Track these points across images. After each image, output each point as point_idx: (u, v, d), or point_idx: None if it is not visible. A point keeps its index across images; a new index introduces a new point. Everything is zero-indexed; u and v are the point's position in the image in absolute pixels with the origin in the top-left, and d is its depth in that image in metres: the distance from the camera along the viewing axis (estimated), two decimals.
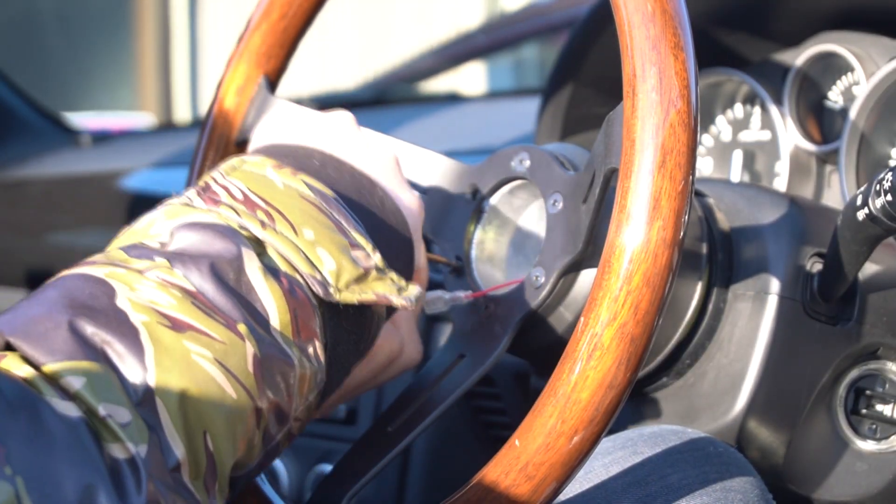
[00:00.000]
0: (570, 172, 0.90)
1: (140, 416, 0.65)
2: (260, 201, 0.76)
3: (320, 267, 0.75)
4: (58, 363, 0.65)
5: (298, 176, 0.78)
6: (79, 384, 0.64)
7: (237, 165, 0.79)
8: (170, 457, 0.66)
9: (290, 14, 1.05)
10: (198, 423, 0.68)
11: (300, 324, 0.74)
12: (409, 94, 2.42)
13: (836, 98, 1.18)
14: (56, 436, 0.62)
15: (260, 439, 0.72)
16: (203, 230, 0.73)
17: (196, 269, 0.71)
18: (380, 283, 0.77)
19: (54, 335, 0.66)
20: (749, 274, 0.96)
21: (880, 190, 0.86)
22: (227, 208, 0.75)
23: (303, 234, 0.75)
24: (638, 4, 0.76)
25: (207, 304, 0.70)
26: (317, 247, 0.75)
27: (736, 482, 0.88)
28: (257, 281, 0.72)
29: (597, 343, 0.73)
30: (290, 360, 0.73)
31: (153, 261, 0.71)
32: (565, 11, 2.13)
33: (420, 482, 1.32)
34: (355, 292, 0.76)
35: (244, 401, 0.70)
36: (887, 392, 0.97)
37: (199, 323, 0.69)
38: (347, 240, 0.77)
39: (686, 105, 0.74)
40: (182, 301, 0.70)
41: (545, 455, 0.73)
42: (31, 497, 0.60)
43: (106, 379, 0.65)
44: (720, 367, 0.96)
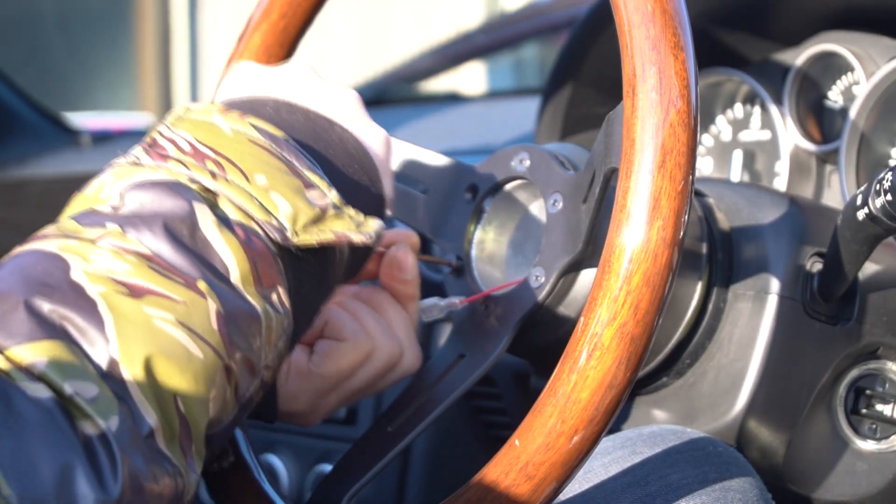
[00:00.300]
0: (570, 172, 0.90)
1: (108, 388, 0.65)
2: (209, 151, 0.74)
3: (275, 212, 0.74)
4: (19, 346, 0.64)
5: (246, 119, 0.76)
6: (42, 364, 0.64)
7: (183, 115, 0.77)
8: (142, 425, 0.65)
9: (290, 14, 1.05)
10: (167, 387, 0.67)
11: (261, 273, 0.72)
12: (409, 94, 2.42)
13: (836, 98, 1.18)
14: (28, 419, 0.62)
15: (232, 394, 0.71)
16: (153, 189, 0.72)
17: (149, 231, 0.70)
18: (338, 221, 0.76)
19: (11, 317, 0.65)
20: (749, 274, 0.96)
21: (880, 190, 0.86)
22: (175, 163, 0.74)
23: (255, 180, 0.74)
24: (638, 4, 0.76)
25: (164, 265, 0.69)
26: (270, 192, 0.74)
27: (735, 482, 0.88)
28: (213, 235, 0.71)
29: (597, 343, 0.73)
30: (255, 312, 0.72)
31: (105, 227, 0.70)
32: (565, 11, 2.13)
33: (420, 482, 1.32)
34: (313, 234, 0.75)
35: (212, 359, 0.69)
36: (887, 392, 0.97)
37: (157, 286, 0.68)
38: (301, 181, 0.75)
39: (686, 105, 0.74)
40: (138, 266, 0.68)
41: (545, 455, 0.73)
42: (8, 482, 0.60)
43: (69, 356, 0.65)
44: (720, 366, 0.96)
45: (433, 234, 0.98)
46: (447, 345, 0.94)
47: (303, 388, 0.94)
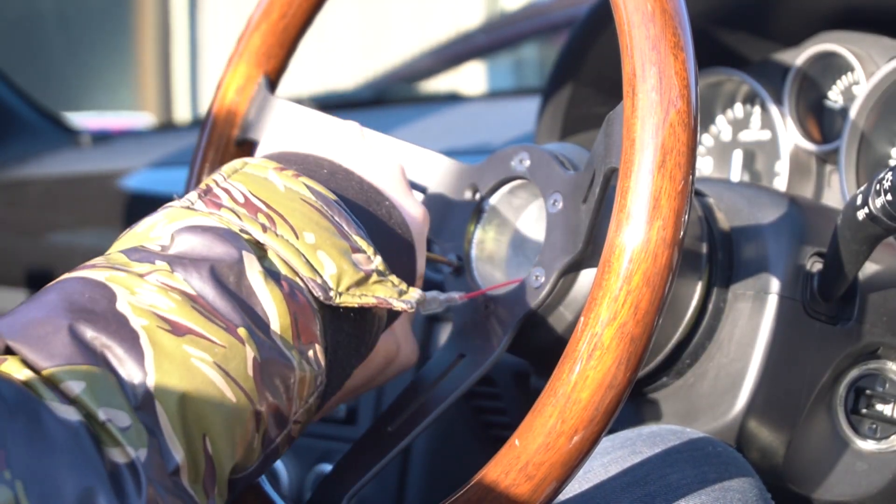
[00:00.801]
0: (570, 172, 0.90)
1: (139, 420, 0.65)
2: (261, 204, 0.76)
3: (321, 270, 0.75)
4: (57, 367, 0.65)
5: (300, 179, 0.78)
6: (78, 388, 0.64)
7: (239, 167, 0.79)
8: (169, 460, 0.66)
9: (290, 14, 1.05)
10: (197, 426, 0.68)
11: (300, 327, 0.74)
12: (409, 94, 2.42)
13: (836, 98, 1.18)
14: (56, 439, 0.62)
15: (259, 442, 0.72)
16: (204, 234, 0.73)
17: (196, 273, 0.71)
18: (380, 286, 0.77)
19: (54, 339, 0.66)
20: (749, 273, 0.96)
21: (880, 189, 0.86)
22: (228, 211, 0.75)
23: (304, 237, 0.75)
24: (638, 4, 0.76)
25: (207, 307, 0.70)
26: (318, 250, 0.75)
27: (735, 482, 0.88)
28: (258, 285, 0.72)
29: (597, 343, 0.73)
30: (290, 364, 0.73)
31: (153, 264, 0.71)
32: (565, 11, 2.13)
33: (420, 482, 1.32)
34: (355, 296, 0.76)
35: (244, 404, 0.70)
36: (887, 392, 0.97)
37: (199, 327, 0.69)
38: (348, 243, 0.77)
39: (686, 105, 0.74)
40: (182, 305, 0.69)
41: (545, 455, 0.73)
42: (30, 501, 0.60)
43: (106, 383, 0.65)
44: (720, 366, 0.96)
45: (433, 234, 0.98)
46: (447, 345, 0.94)
47: None
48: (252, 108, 1.04)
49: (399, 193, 0.86)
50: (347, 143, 0.87)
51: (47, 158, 2.27)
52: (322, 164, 0.84)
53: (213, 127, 1.05)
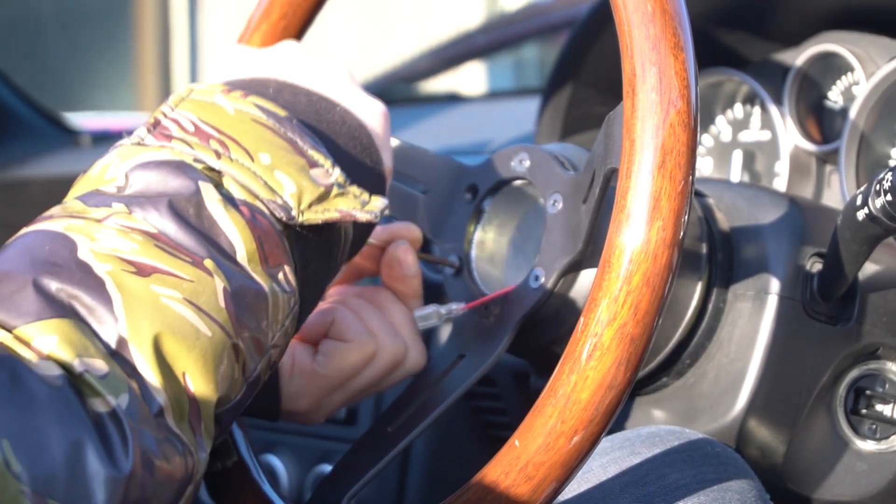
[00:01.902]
0: (570, 172, 0.90)
1: (118, 366, 0.65)
2: (212, 130, 0.74)
3: (280, 191, 0.74)
4: (28, 325, 0.64)
5: (249, 98, 0.77)
6: (52, 343, 0.64)
7: (185, 95, 0.77)
8: (152, 402, 0.65)
9: (290, 14, 1.05)
10: (176, 365, 0.67)
11: (267, 251, 0.73)
12: (409, 94, 2.42)
13: (836, 98, 1.18)
14: (38, 396, 0.62)
15: (240, 372, 0.72)
16: (157, 168, 0.72)
17: (155, 210, 0.70)
18: (342, 199, 0.76)
19: (20, 297, 0.65)
20: (749, 274, 0.96)
21: (880, 190, 0.86)
22: (179, 142, 0.74)
23: (259, 159, 0.74)
24: (637, 4, 0.76)
25: (170, 244, 0.69)
26: (275, 170, 0.74)
27: (733, 482, 0.88)
28: (218, 214, 0.71)
29: (597, 343, 0.73)
30: (262, 290, 0.72)
31: (111, 207, 0.70)
32: (565, 11, 2.13)
33: (420, 482, 1.32)
34: (318, 212, 0.75)
35: (220, 337, 0.69)
36: (887, 392, 0.97)
37: (164, 264, 0.68)
38: (305, 159, 0.76)
39: (686, 105, 0.74)
40: (144, 244, 0.69)
41: (545, 455, 0.73)
42: (18, 458, 0.60)
43: (78, 334, 0.65)
44: (720, 367, 0.96)
45: (433, 235, 0.98)
46: (447, 345, 0.94)
47: (307, 387, 0.94)
48: None
49: (350, 96, 0.84)
50: (289, 59, 0.85)
51: (47, 158, 2.26)
52: (268, 83, 0.82)
53: None
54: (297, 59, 0.85)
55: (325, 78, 0.84)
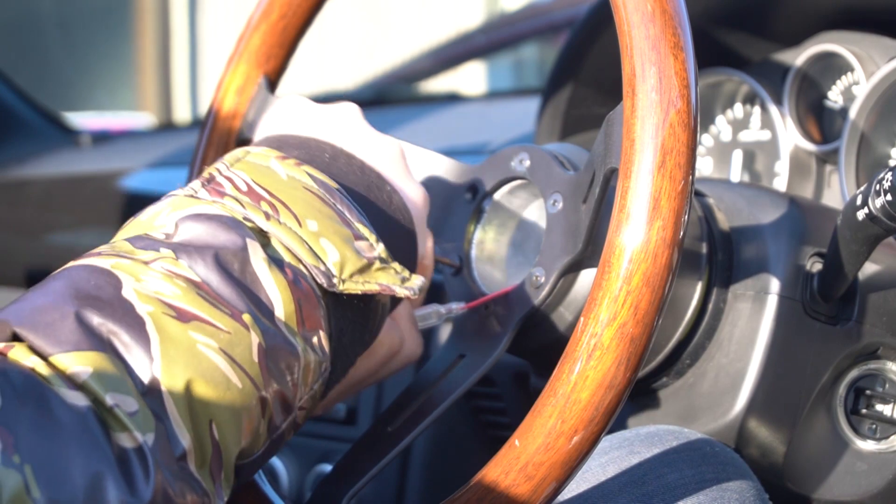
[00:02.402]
0: (570, 172, 0.90)
1: (147, 406, 0.66)
2: (264, 192, 0.76)
3: (324, 258, 0.76)
4: (65, 353, 0.65)
5: (302, 167, 0.78)
6: (85, 374, 0.65)
7: (241, 156, 0.79)
8: (176, 446, 0.67)
9: (290, 14, 1.05)
10: (203, 412, 0.68)
11: (304, 314, 0.74)
12: (409, 94, 2.42)
13: (836, 98, 1.18)
14: (64, 424, 0.63)
15: (265, 428, 0.73)
16: (208, 221, 0.74)
17: (201, 260, 0.72)
18: (383, 273, 0.78)
19: (61, 326, 0.66)
20: (749, 274, 0.96)
21: (880, 190, 0.86)
22: (231, 199, 0.75)
23: (307, 225, 0.76)
24: (637, 4, 0.76)
25: (212, 294, 0.71)
26: (321, 238, 0.76)
27: (732, 482, 0.88)
28: (262, 272, 0.73)
29: (596, 343, 0.73)
30: (295, 350, 0.73)
31: (158, 252, 0.72)
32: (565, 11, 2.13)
33: (420, 482, 1.32)
34: (359, 283, 0.77)
35: (249, 390, 0.70)
36: (887, 392, 0.97)
37: (204, 313, 0.70)
38: (351, 231, 0.77)
39: (686, 105, 0.74)
40: (187, 291, 0.70)
41: (545, 455, 0.73)
42: (39, 485, 0.60)
43: (113, 369, 0.66)
44: (720, 366, 0.96)
45: (433, 234, 0.98)
46: (447, 345, 0.94)
47: None
48: (252, 108, 1.04)
49: (400, 177, 0.86)
50: (348, 125, 0.87)
51: (47, 158, 2.26)
52: (323, 148, 0.84)
53: (213, 127, 1.05)
54: (356, 126, 0.87)
55: (379, 152, 0.86)
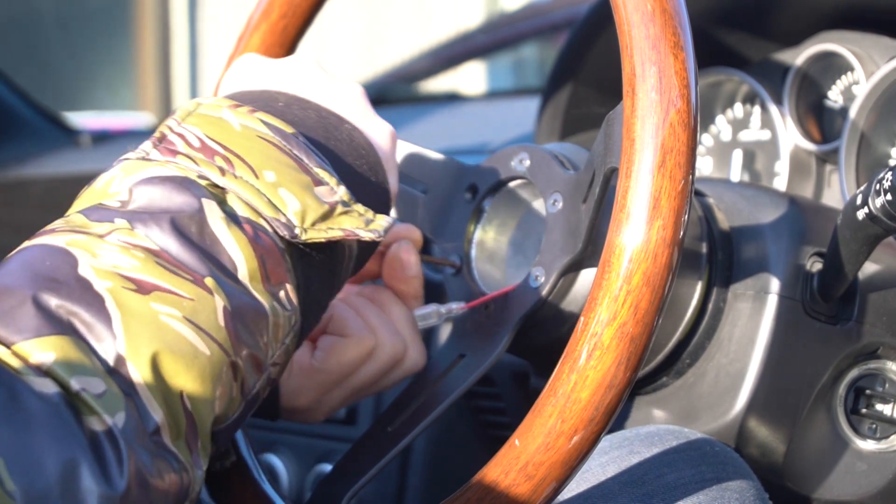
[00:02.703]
0: (570, 172, 0.90)
1: (115, 384, 0.65)
2: (217, 146, 0.74)
3: (284, 209, 0.74)
4: (27, 341, 0.64)
5: (256, 115, 0.76)
6: (49, 360, 0.64)
7: (192, 109, 0.77)
8: (148, 421, 0.65)
9: (290, 14, 1.05)
10: (174, 384, 0.67)
11: (268, 269, 0.72)
12: (409, 94, 2.42)
13: (836, 98, 1.18)
14: (34, 413, 0.62)
15: (238, 391, 0.71)
16: (161, 184, 0.72)
17: (157, 227, 0.70)
18: (346, 217, 0.76)
19: (20, 312, 0.65)
20: (749, 273, 0.96)
21: (880, 189, 0.86)
22: (184, 158, 0.74)
23: (264, 176, 0.74)
24: (637, 4, 0.76)
25: (172, 261, 0.69)
26: (279, 188, 0.74)
27: (732, 482, 0.88)
28: (221, 231, 0.71)
29: (596, 343, 0.73)
30: (262, 308, 0.72)
31: (113, 223, 0.70)
32: (565, 11, 2.13)
33: (420, 482, 1.32)
34: (321, 231, 0.75)
35: (218, 356, 0.69)
36: (887, 392, 0.97)
37: (164, 282, 0.68)
38: (310, 177, 0.75)
39: (686, 104, 0.74)
40: (145, 262, 0.68)
41: (545, 455, 0.73)
42: (12, 477, 0.60)
43: (76, 352, 0.64)
44: (720, 366, 0.96)
45: (433, 235, 0.98)
46: (447, 345, 0.94)
47: (305, 384, 0.93)
48: None
49: (359, 115, 0.84)
50: (303, 73, 0.85)
51: (47, 158, 2.26)
52: (277, 97, 0.82)
53: None
54: (309, 73, 0.85)
55: (336, 95, 0.84)
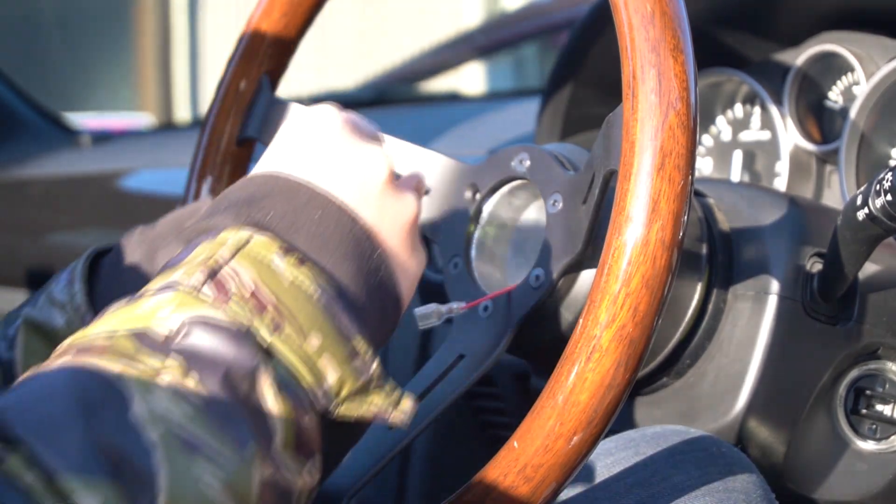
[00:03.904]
0: (570, 172, 0.90)
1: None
2: (269, 298, 0.73)
3: (323, 380, 0.73)
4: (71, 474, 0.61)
5: (303, 269, 0.75)
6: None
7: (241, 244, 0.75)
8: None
9: (291, 13, 1.05)
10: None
11: (303, 440, 0.72)
12: (409, 94, 2.42)
13: (836, 98, 1.18)
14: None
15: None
16: (217, 332, 0.70)
17: (211, 377, 0.69)
18: (377, 396, 0.76)
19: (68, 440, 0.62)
20: (749, 274, 0.96)
21: (880, 190, 0.86)
22: (237, 304, 0.72)
23: (309, 341, 0.73)
24: (637, 6, 0.76)
25: (220, 418, 0.68)
26: (322, 355, 0.73)
27: (739, 483, 0.88)
28: (268, 397, 0.70)
29: (595, 345, 0.73)
30: (293, 480, 0.71)
31: (165, 360, 0.68)
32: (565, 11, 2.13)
33: (420, 482, 1.32)
34: (353, 409, 0.75)
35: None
36: (887, 392, 0.97)
37: (211, 440, 0.67)
38: (349, 348, 0.74)
39: (685, 107, 0.74)
40: (196, 414, 0.67)
41: (544, 457, 0.73)
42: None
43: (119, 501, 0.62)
44: (720, 367, 0.96)
45: (433, 234, 0.98)
46: (447, 345, 0.94)
47: None
48: (252, 107, 1.04)
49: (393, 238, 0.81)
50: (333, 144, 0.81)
51: (47, 158, 2.26)
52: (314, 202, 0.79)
53: (214, 127, 1.05)
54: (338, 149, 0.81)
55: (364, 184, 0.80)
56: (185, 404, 0.67)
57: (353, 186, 0.80)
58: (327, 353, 0.74)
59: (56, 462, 0.61)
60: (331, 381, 0.74)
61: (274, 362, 0.72)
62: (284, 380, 0.72)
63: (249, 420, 0.69)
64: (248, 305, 0.73)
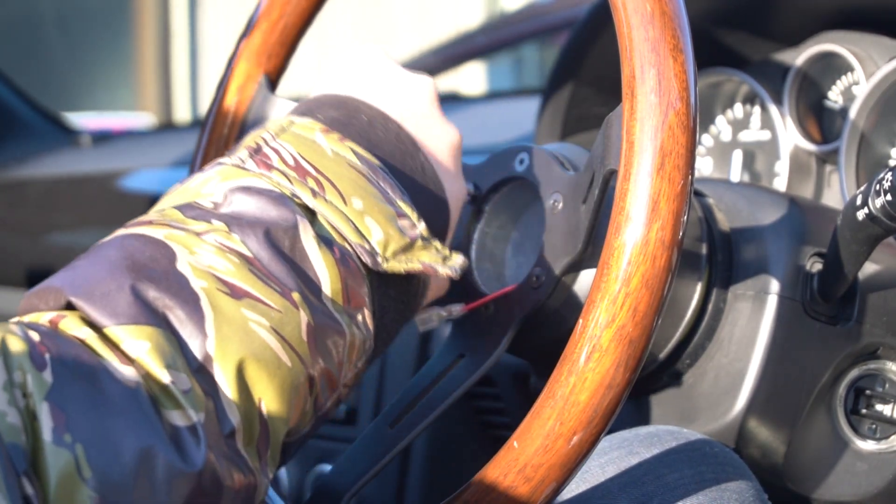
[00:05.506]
0: (570, 172, 0.90)
1: (198, 383, 0.66)
2: (310, 168, 0.76)
3: (368, 236, 0.76)
4: (121, 326, 0.66)
5: (346, 143, 0.78)
6: (142, 349, 0.65)
7: (286, 126, 0.79)
8: (225, 424, 0.67)
9: (291, 13, 1.05)
10: (253, 391, 0.69)
11: (350, 292, 0.75)
12: None
13: (836, 98, 1.18)
14: (115, 401, 0.63)
15: (311, 406, 0.73)
16: (258, 196, 0.74)
17: (253, 235, 0.72)
18: (425, 252, 0.78)
19: (117, 297, 0.67)
20: (749, 274, 0.96)
21: (880, 190, 0.86)
22: (278, 174, 0.76)
23: (352, 203, 0.76)
24: (637, 6, 0.76)
25: (263, 271, 0.71)
26: (365, 216, 0.76)
27: (731, 482, 0.88)
28: (311, 250, 0.73)
29: (595, 345, 0.73)
30: (342, 328, 0.74)
31: (210, 223, 0.72)
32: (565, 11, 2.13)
33: (420, 482, 1.32)
34: (402, 262, 0.77)
35: (298, 369, 0.71)
36: (887, 392, 0.97)
37: (255, 290, 0.70)
38: (394, 209, 0.77)
39: (685, 107, 0.74)
40: (240, 267, 0.70)
41: (543, 457, 0.73)
42: (90, 464, 0.61)
43: (168, 345, 0.66)
44: (720, 366, 0.96)
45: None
46: (447, 345, 0.94)
47: None
48: (252, 107, 1.04)
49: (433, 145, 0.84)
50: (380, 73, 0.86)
51: (47, 158, 2.27)
52: (360, 109, 0.83)
53: (214, 127, 1.05)
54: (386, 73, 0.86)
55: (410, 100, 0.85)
56: (228, 259, 0.70)
57: (400, 104, 0.84)
58: (370, 214, 0.76)
59: (105, 318, 0.66)
60: (376, 239, 0.76)
61: (316, 221, 0.75)
62: (327, 236, 0.75)
63: (294, 271, 0.72)
64: (290, 174, 0.76)
